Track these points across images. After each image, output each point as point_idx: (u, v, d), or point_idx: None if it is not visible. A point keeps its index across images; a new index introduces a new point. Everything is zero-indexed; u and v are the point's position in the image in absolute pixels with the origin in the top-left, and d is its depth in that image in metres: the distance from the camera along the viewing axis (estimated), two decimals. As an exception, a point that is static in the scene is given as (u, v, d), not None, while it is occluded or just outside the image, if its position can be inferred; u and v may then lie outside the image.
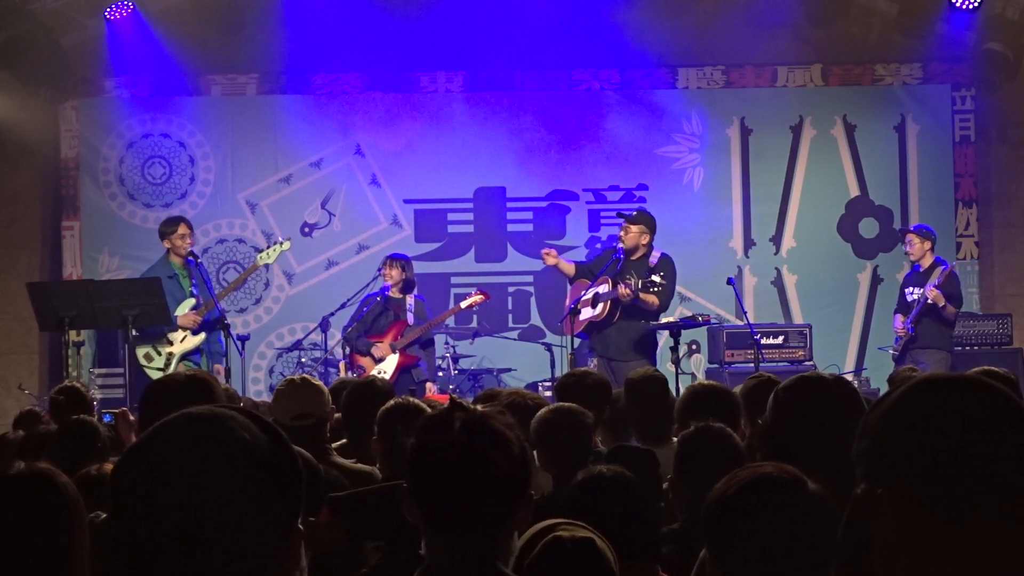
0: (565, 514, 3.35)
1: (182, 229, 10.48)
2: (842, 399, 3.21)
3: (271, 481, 1.66)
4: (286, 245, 11.05)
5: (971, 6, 11.87)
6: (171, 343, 10.37)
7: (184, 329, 10.35)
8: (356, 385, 5.53)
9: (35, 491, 2.37)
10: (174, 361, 10.29)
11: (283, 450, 1.70)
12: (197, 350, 10.46)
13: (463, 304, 11.24)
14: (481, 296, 11.24)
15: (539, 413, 4.79)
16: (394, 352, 10.76)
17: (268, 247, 10.98)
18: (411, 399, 4.72)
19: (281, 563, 1.67)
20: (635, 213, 10.51)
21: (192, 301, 10.39)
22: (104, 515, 3.20)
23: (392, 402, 4.62)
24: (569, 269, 10.61)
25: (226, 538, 1.61)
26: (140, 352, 10.28)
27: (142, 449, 1.67)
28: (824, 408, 3.17)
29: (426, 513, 2.42)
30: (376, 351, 10.72)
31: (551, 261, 10.60)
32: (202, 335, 10.32)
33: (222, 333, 10.26)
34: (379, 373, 10.50)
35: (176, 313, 10.26)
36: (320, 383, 5.15)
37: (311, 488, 3.20)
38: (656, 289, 9.95)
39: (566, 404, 4.82)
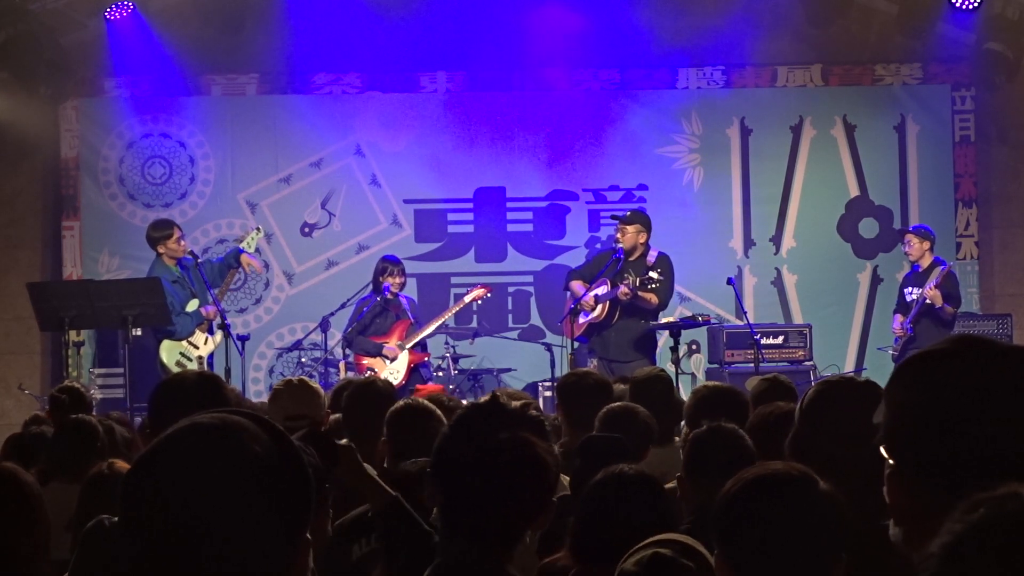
0: (584, 509, 3.35)
1: (176, 233, 10.48)
2: None
3: (281, 492, 1.66)
4: (260, 232, 11.30)
5: (971, 6, 11.86)
6: (196, 347, 10.36)
7: (209, 319, 10.38)
8: (357, 386, 5.51)
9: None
10: (204, 365, 10.28)
11: (293, 460, 1.69)
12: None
13: (466, 299, 11.20)
14: (483, 290, 11.21)
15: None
16: (403, 351, 10.72)
17: (243, 239, 10.97)
18: (420, 400, 4.73)
19: (290, 572, 1.68)
20: (628, 214, 10.58)
21: (196, 301, 10.39)
22: (116, 519, 3.19)
23: (402, 403, 4.62)
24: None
25: (235, 547, 1.61)
26: (169, 360, 10.22)
27: (152, 458, 1.67)
28: None
29: (447, 507, 2.43)
30: (388, 351, 10.67)
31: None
32: (220, 334, 10.29)
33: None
34: (393, 373, 10.48)
35: (188, 310, 10.26)
36: (318, 386, 5.14)
37: (320, 492, 3.20)
38: (654, 287, 9.96)
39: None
